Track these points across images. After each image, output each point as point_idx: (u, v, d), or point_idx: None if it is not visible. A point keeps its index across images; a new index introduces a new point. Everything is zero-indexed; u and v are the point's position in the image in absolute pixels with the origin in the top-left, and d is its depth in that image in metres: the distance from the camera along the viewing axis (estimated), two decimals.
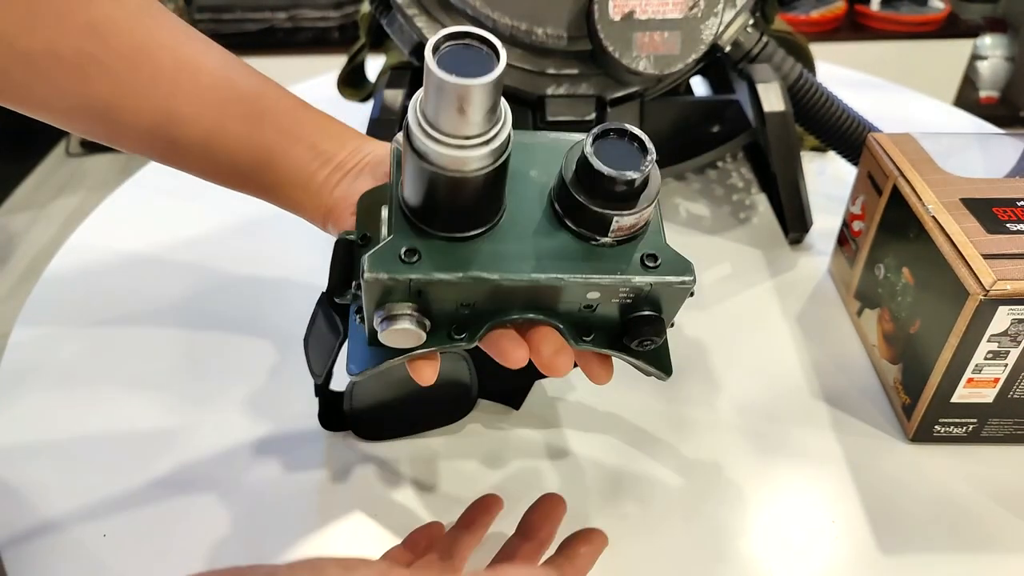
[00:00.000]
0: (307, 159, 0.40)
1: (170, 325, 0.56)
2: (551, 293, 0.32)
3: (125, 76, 0.38)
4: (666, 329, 0.34)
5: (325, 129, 0.41)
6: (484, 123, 0.28)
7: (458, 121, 0.27)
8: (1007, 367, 0.42)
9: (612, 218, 0.31)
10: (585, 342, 0.34)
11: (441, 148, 0.28)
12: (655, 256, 0.32)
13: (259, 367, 0.52)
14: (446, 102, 0.26)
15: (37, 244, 1.98)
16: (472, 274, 0.30)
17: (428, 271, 0.30)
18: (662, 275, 0.31)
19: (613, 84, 0.57)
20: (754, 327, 0.55)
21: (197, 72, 0.39)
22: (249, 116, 0.39)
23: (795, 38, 0.70)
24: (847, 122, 0.61)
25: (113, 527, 0.43)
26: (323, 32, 1.88)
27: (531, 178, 0.33)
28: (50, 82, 0.37)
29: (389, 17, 0.58)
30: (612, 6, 0.52)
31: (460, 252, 0.31)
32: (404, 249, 0.30)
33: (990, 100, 2.23)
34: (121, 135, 0.40)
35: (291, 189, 0.40)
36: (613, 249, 0.32)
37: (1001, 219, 0.43)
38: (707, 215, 0.68)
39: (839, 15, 1.95)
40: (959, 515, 0.43)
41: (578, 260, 0.31)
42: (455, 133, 0.27)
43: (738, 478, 0.45)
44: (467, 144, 0.28)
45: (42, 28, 0.36)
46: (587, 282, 0.31)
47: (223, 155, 0.40)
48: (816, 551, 0.41)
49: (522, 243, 0.31)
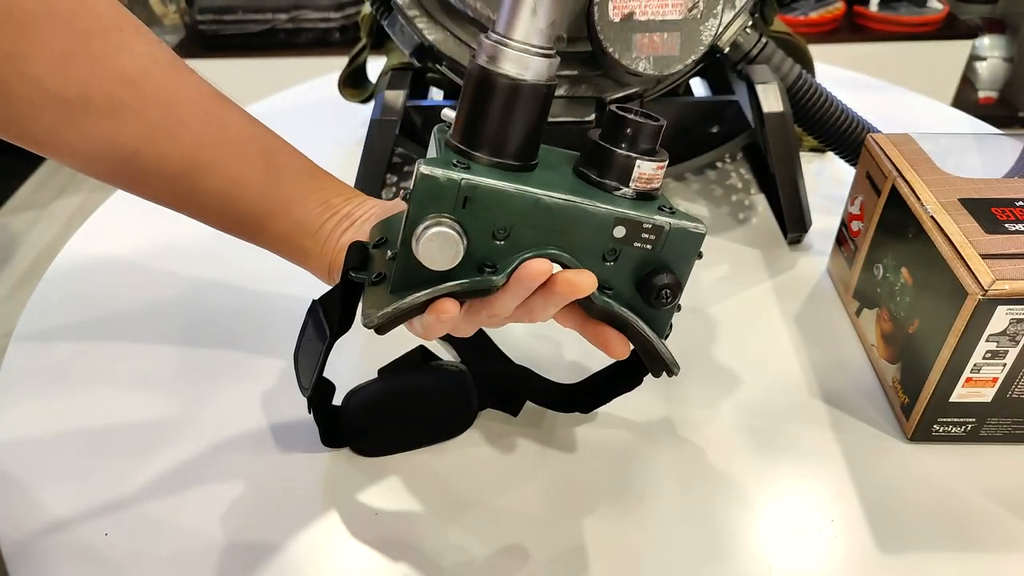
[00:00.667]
0: (318, 211, 0.43)
1: (171, 325, 0.56)
2: (583, 224, 0.34)
3: (156, 123, 0.40)
4: (680, 285, 0.37)
5: (334, 187, 0.44)
6: (546, 36, 0.33)
7: (529, 23, 0.32)
8: (1005, 367, 0.42)
9: (635, 162, 0.34)
10: (606, 294, 0.36)
11: (510, 51, 0.32)
12: (671, 208, 0.36)
13: (260, 367, 0.52)
14: (523, 3, 0.32)
15: (39, 244, 1.98)
16: (518, 186, 0.33)
17: (481, 175, 0.33)
18: (679, 220, 0.35)
19: (613, 85, 0.57)
20: (753, 327, 0.56)
21: (223, 125, 0.42)
22: (269, 169, 0.42)
23: (794, 39, 0.70)
24: (846, 123, 0.62)
25: (114, 526, 0.43)
26: (324, 33, 1.88)
27: (553, 162, 0.37)
28: (79, 126, 0.39)
29: (390, 18, 0.58)
30: (612, 7, 0.52)
31: (504, 174, 0.34)
32: (455, 159, 0.34)
33: (988, 100, 2.23)
34: (143, 181, 0.41)
35: (301, 237, 0.43)
36: (633, 201, 0.35)
37: (999, 219, 0.43)
38: (706, 215, 0.68)
39: (838, 16, 1.95)
40: (958, 514, 0.43)
41: (607, 200, 0.35)
42: (523, 39, 0.32)
43: (737, 477, 0.45)
44: (532, 49, 0.33)
45: (76, 73, 0.38)
46: (617, 212, 0.34)
47: (241, 204, 0.42)
48: (815, 550, 0.41)
49: (558, 181, 0.35)
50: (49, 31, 0.37)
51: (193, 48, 1.95)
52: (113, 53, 0.39)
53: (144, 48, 0.40)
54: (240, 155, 0.42)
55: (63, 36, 0.37)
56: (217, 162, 0.41)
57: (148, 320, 0.56)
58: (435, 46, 0.57)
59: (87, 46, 0.38)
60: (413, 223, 0.33)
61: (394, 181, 0.72)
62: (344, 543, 0.42)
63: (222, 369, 0.52)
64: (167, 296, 0.59)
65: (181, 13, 2.15)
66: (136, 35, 0.40)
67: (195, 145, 0.41)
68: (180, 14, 2.15)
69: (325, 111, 0.84)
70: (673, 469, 0.46)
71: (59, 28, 0.37)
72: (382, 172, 0.62)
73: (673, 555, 0.41)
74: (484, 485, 0.45)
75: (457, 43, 0.57)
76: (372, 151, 0.62)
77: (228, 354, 0.53)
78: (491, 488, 0.44)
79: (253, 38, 1.88)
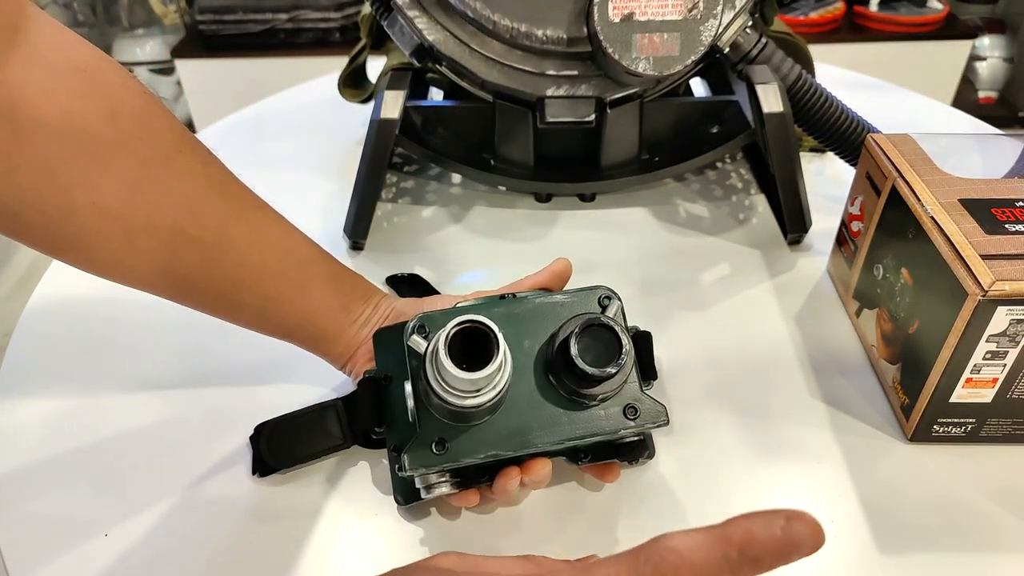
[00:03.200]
0: (342, 320, 0.47)
1: (171, 325, 0.56)
2: (553, 452, 0.40)
3: (208, 249, 0.41)
4: (651, 454, 0.44)
5: (356, 290, 0.48)
6: (486, 380, 0.36)
7: (468, 386, 0.36)
8: (1005, 367, 0.42)
9: (596, 394, 0.38)
10: (584, 461, 0.41)
11: (452, 395, 0.36)
12: (635, 408, 0.39)
13: (261, 367, 0.52)
14: (457, 383, 0.35)
15: None
16: (491, 453, 0.38)
17: (456, 458, 0.38)
18: (643, 423, 0.39)
19: (613, 85, 0.57)
20: (753, 327, 0.56)
21: (264, 245, 0.44)
22: (300, 283, 0.45)
23: (794, 39, 0.70)
24: (846, 123, 0.62)
25: (114, 526, 0.43)
26: (324, 33, 1.88)
27: (524, 348, 0.40)
28: (141, 252, 0.40)
29: (390, 19, 0.58)
30: (612, 8, 0.52)
31: (478, 435, 0.38)
32: (433, 443, 0.38)
33: (989, 101, 2.23)
34: (189, 297, 0.44)
35: (324, 343, 0.47)
36: (599, 407, 0.39)
37: (1000, 220, 0.43)
38: (706, 215, 0.68)
39: (838, 16, 1.95)
40: (958, 515, 0.43)
41: (572, 424, 0.39)
42: (465, 390, 0.36)
43: (737, 478, 0.45)
44: (473, 393, 0.36)
45: (144, 203, 0.39)
46: (580, 443, 0.39)
47: (275, 316, 0.45)
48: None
49: (526, 418, 0.39)
50: (117, 157, 0.38)
51: (193, 48, 1.94)
52: (176, 181, 0.40)
53: (201, 169, 0.42)
54: (277, 272, 0.44)
55: (132, 166, 0.38)
56: (257, 280, 0.44)
57: (148, 320, 0.56)
58: (435, 46, 0.57)
59: (153, 175, 0.39)
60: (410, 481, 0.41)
61: (394, 181, 0.72)
62: (345, 543, 0.42)
63: (223, 369, 0.52)
64: None
65: (181, 13, 2.15)
66: (194, 156, 0.42)
67: (239, 266, 0.43)
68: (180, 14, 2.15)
69: (325, 111, 0.84)
70: (673, 469, 0.46)
71: (127, 155, 0.38)
72: (382, 172, 0.63)
73: None
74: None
75: (457, 43, 0.57)
76: (372, 151, 0.62)
77: (229, 354, 0.53)
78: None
79: (253, 38, 1.88)
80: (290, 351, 0.47)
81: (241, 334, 0.46)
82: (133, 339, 0.55)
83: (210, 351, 0.54)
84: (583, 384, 0.38)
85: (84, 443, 0.47)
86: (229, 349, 0.54)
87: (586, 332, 0.37)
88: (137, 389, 0.51)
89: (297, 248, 0.46)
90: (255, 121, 0.85)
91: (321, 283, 0.46)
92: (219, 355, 0.53)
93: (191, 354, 0.54)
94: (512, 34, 0.55)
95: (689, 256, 0.63)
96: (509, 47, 0.56)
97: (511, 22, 0.55)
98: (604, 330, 0.37)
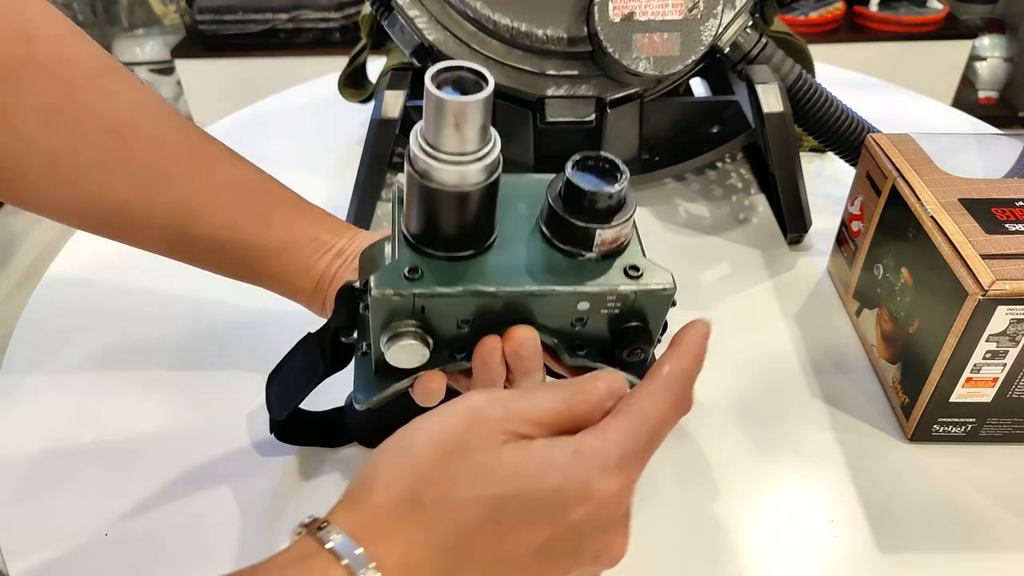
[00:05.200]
0: (311, 249, 0.42)
1: (172, 325, 0.56)
2: (544, 306, 0.35)
3: (144, 172, 0.39)
4: (654, 341, 0.37)
5: (325, 222, 0.43)
6: (478, 140, 0.31)
7: (455, 138, 0.30)
8: (1006, 367, 0.42)
9: (595, 232, 0.34)
10: (579, 356, 0.37)
11: (442, 165, 0.31)
12: (636, 267, 0.35)
13: (261, 367, 0.52)
14: (445, 121, 0.30)
15: (39, 244, 1.98)
16: (471, 287, 0.33)
17: (430, 286, 0.33)
18: (645, 283, 0.34)
19: (613, 85, 0.57)
20: (753, 327, 0.56)
21: (211, 169, 0.41)
22: (258, 211, 0.41)
23: (794, 39, 0.70)
24: (846, 123, 0.62)
25: (115, 526, 0.43)
26: (324, 33, 1.88)
27: (519, 210, 0.37)
28: (66, 179, 0.38)
29: (390, 18, 0.58)
30: (612, 7, 0.52)
31: (459, 270, 0.34)
32: (407, 268, 0.33)
33: (989, 101, 2.23)
34: (133, 231, 0.41)
35: (295, 276, 0.42)
36: (598, 264, 0.35)
37: (999, 219, 0.43)
38: (706, 215, 0.68)
39: (838, 16, 1.95)
40: (958, 514, 0.43)
41: (567, 273, 0.34)
42: (453, 151, 0.31)
43: (737, 477, 0.45)
44: (464, 160, 0.31)
45: (63, 127, 0.37)
46: (577, 292, 0.34)
47: (232, 247, 0.41)
48: (815, 550, 0.41)
49: (515, 260, 0.34)
50: (34, 80, 0.36)
51: (193, 48, 1.95)
52: (98, 102, 0.38)
53: (129, 93, 0.39)
54: (229, 199, 0.41)
55: (48, 86, 0.37)
56: (206, 207, 0.40)
57: (148, 320, 0.56)
58: (435, 46, 0.57)
59: (72, 95, 0.37)
60: (377, 332, 0.34)
61: (394, 181, 0.72)
62: None
63: (223, 369, 0.52)
64: (168, 296, 0.58)
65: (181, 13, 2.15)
66: (120, 80, 0.39)
67: (184, 192, 0.40)
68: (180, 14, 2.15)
69: (325, 111, 0.84)
70: (673, 469, 0.46)
71: (44, 77, 0.36)
72: (382, 172, 0.63)
73: (673, 555, 0.41)
74: None
75: (457, 43, 0.57)
76: (372, 151, 0.62)
77: (229, 354, 0.53)
78: None
79: (253, 38, 1.88)
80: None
81: (243, 334, 0.46)
82: (133, 339, 0.55)
83: (212, 351, 0.54)
84: (581, 215, 0.33)
85: (84, 443, 0.47)
86: (232, 349, 0.54)
87: (582, 163, 0.34)
88: (137, 389, 0.51)
89: (251, 176, 0.42)
90: (255, 121, 0.85)
91: (283, 212, 0.42)
92: (221, 355, 0.53)
93: (192, 354, 0.54)
94: (512, 34, 0.55)
95: (689, 256, 0.63)
96: (509, 47, 0.56)
97: (511, 22, 0.55)
98: (601, 160, 0.34)
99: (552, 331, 0.36)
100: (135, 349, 0.54)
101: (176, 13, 2.17)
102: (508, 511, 0.28)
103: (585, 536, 0.29)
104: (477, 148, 0.31)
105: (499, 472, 0.28)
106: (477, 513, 0.28)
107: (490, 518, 0.28)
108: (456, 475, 0.28)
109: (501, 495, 0.28)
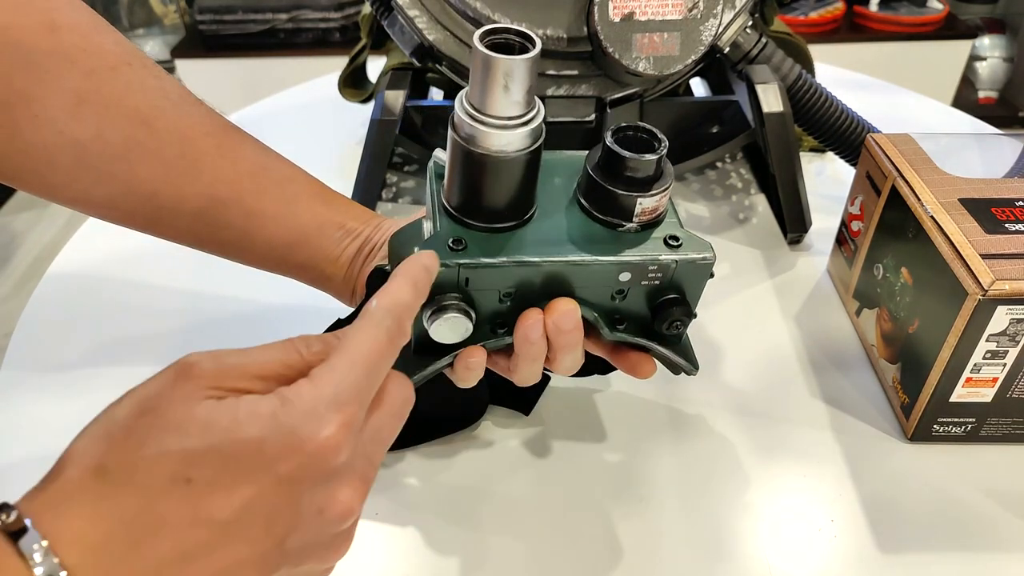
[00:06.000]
0: (337, 237, 0.42)
1: (172, 325, 0.56)
2: (586, 277, 0.35)
3: (172, 162, 0.39)
4: (692, 313, 0.37)
5: (351, 211, 0.43)
6: (524, 103, 0.31)
7: (503, 100, 0.30)
8: (1005, 367, 0.42)
9: (636, 200, 0.34)
10: (618, 331, 0.37)
11: (489, 130, 0.31)
12: (676, 237, 0.35)
13: None
14: (494, 81, 0.30)
15: (39, 244, 1.98)
16: (515, 258, 0.33)
17: (476, 256, 0.33)
18: (685, 253, 0.34)
19: (613, 85, 0.57)
20: (753, 327, 0.56)
21: (236, 159, 0.41)
22: (285, 200, 0.41)
23: (794, 39, 0.70)
24: (846, 123, 0.62)
25: None
26: (324, 33, 1.88)
27: (556, 184, 0.37)
28: (95, 169, 0.38)
29: (390, 18, 0.58)
30: (612, 7, 0.52)
31: (501, 241, 0.34)
32: (451, 239, 0.33)
33: (989, 101, 2.23)
34: (162, 222, 0.41)
35: (323, 265, 0.42)
36: (638, 234, 0.35)
37: (999, 219, 0.43)
38: (706, 215, 0.68)
39: (838, 16, 1.95)
40: (958, 514, 0.43)
41: (609, 244, 0.34)
42: (500, 114, 0.31)
43: (737, 477, 0.45)
44: (510, 124, 0.31)
45: (90, 117, 0.37)
46: (619, 262, 0.34)
47: (260, 236, 0.41)
48: (815, 550, 0.41)
49: (556, 232, 0.35)
50: (59, 70, 0.36)
51: (193, 48, 1.95)
52: (124, 92, 0.38)
53: (154, 83, 0.40)
54: (255, 187, 0.41)
55: (73, 75, 0.37)
56: (234, 197, 0.41)
57: (149, 320, 0.56)
58: (435, 46, 0.57)
59: (98, 85, 0.37)
60: (421, 307, 0.33)
61: (394, 181, 0.72)
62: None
63: None
64: (168, 296, 0.59)
65: (181, 13, 2.15)
66: (144, 70, 0.40)
67: (211, 181, 0.40)
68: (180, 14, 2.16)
69: (325, 111, 0.84)
70: (673, 469, 0.46)
71: (69, 67, 0.37)
72: (382, 172, 0.63)
73: (673, 555, 0.41)
74: (484, 486, 0.45)
75: (457, 43, 0.57)
76: (372, 151, 0.62)
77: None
78: (491, 489, 0.44)
79: (253, 38, 1.88)
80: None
81: (243, 335, 0.46)
82: (134, 339, 0.55)
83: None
84: (621, 183, 0.34)
85: None
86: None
87: (621, 132, 0.34)
88: None
89: (276, 166, 0.42)
90: (255, 121, 0.85)
91: (308, 200, 0.42)
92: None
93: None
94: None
95: None
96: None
97: (511, 21, 0.55)
98: (640, 130, 0.34)
99: (592, 305, 0.36)
100: (136, 348, 0.54)
101: (176, 13, 2.17)
102: (200, 469, 0.25)
103: (301, 490, 0.26)
104: (523, 112, 0.31)
105: (188, 428, 0.25)
106: (164, 473, 0.25)
107: (179, 477, 0.25)
108: (144, 436, 0.25)
109: (190, 451, 0.25)
